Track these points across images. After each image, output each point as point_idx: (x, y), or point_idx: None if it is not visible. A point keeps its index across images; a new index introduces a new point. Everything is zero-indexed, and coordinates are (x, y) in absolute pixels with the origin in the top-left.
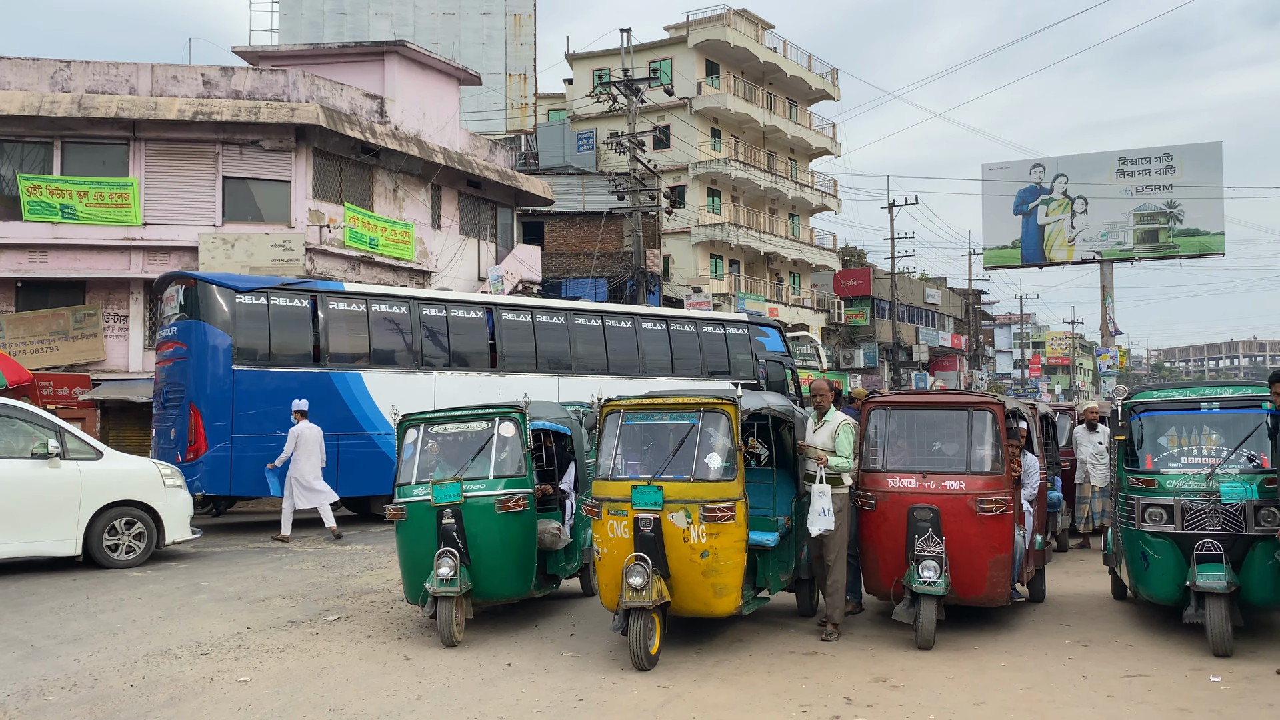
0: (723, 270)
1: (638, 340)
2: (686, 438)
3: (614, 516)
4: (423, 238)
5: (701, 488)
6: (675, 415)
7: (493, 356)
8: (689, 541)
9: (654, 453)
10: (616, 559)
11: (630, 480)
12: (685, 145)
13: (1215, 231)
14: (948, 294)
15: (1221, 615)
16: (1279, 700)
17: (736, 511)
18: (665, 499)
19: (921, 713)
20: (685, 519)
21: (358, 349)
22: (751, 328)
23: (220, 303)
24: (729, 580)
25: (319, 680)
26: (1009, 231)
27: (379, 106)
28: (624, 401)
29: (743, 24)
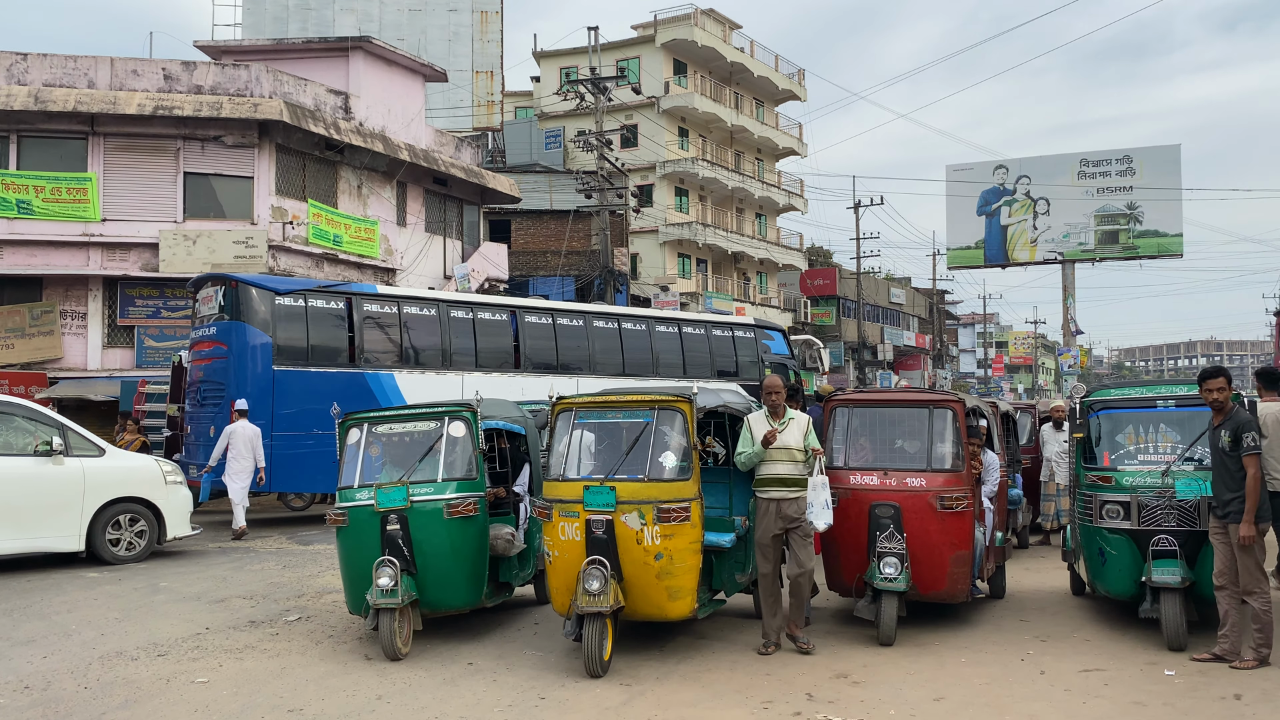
0: (690, 269)
1: (651, 343)
2: (640, 436)
3: (565, 518)
4: (387, 235)
5: (656, 488)
6: (629, 413)
7: (516, 358)
8: (642, 543)
9: (607, 452)
10: (568, 562)
11: (582, 480)
12: (653, 144)
13: (1174, 233)
14: (912, 294)
15: (1176, 610)
16: (1230, 693)
17: (691, 512)
18: (618, 499)
19: (882, 708)
20: (639, 520)
21: (390, 350)
22: (757, 330)
23: (260, 304)
24: (683, 583)
25: (278, 681)
26: (972, 232)
27: (343, 103)
28: (576, 399)
29: (710, 23)
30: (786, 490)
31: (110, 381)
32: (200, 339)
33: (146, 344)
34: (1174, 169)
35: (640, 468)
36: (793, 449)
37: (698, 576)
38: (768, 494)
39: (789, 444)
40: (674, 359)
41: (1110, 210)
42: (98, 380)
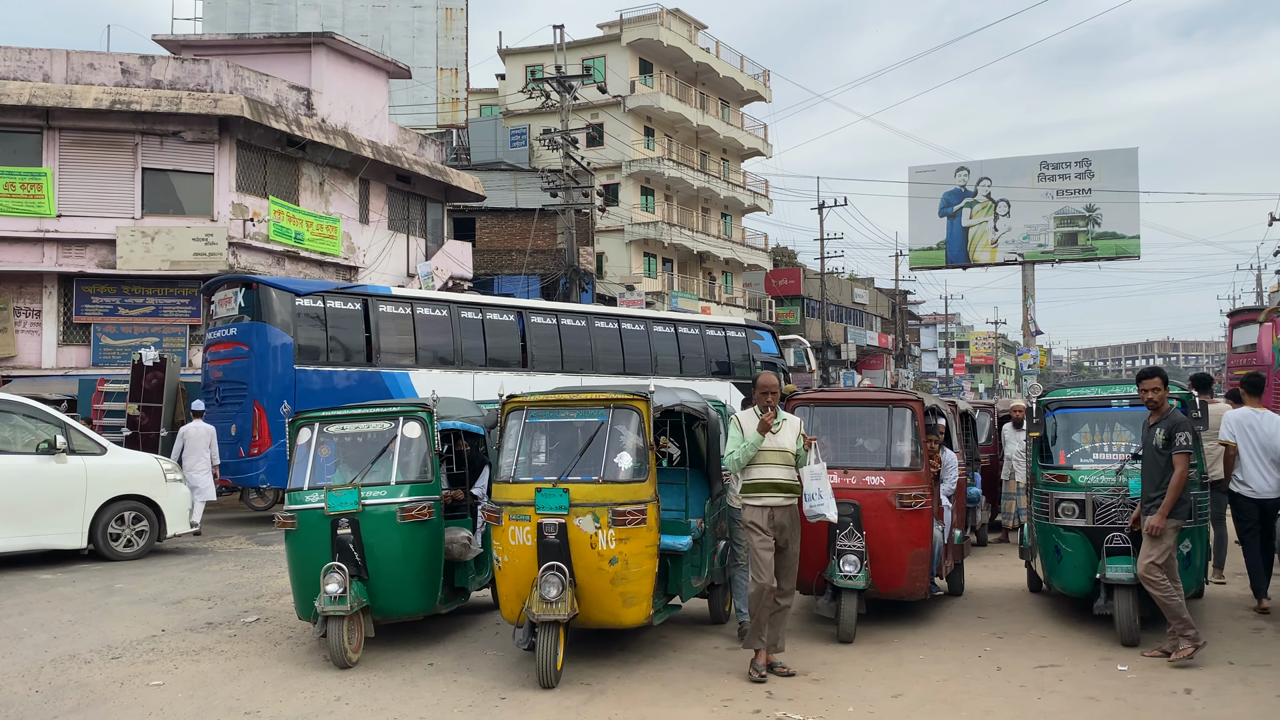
0: (656, 269)
1: (650, 343)
2: (595, 436)
3: (516, 522)
4: (350, 232)
5: (611, 489)
6: (583, 412)
7: (524, 357)
8: (597, 548)
9: (560, 453)
10: (519, 568)
11: (534, 482)
12: (619, 143)
13: (1131, 235)
14: (875, 294)
15: (1129, 606)
16: (1180, 688)
17: (648, 514)
18: (572, 502)
19: (841, 705)
20: (593, 523)
21: (405, 349)
22: (749, 331)
23: (281, 305)
24: (639, 588)
25: (235, 683)
26: (934, 233)
27: (305, 99)
28: (527, 397)
29: (676, 23)
30: (780, 496)
31: (66, 380)
32: (218, 340)
33: (103, 342)
34: (1131, 172)
35: (595, 469)
36: (787, 451)
37: (653, 582)
38: (760, 500)
39: (783, 446)
40: (671, 358)
41: (1069, 212)
42: (53, 379)
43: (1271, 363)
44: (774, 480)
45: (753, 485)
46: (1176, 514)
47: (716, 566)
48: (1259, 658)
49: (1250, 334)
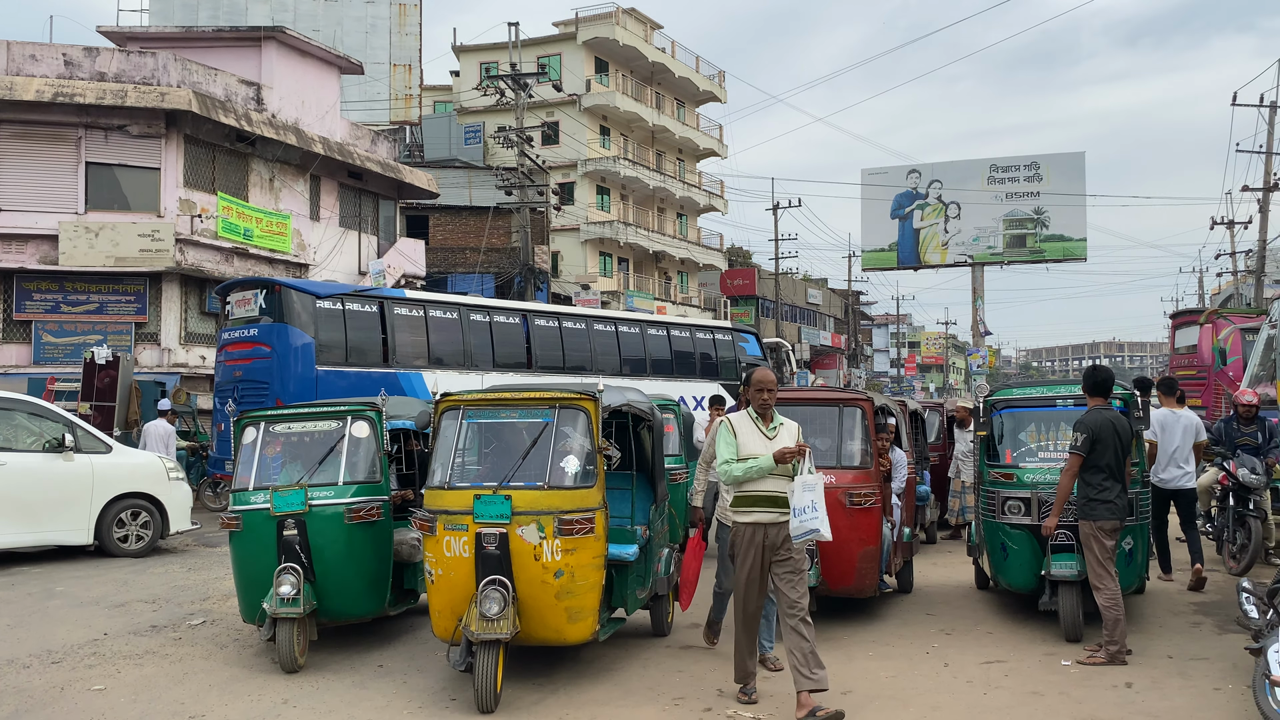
0: (612, 268)
1: (644, 345)
2: (539, 438)
3: (451, 531)
4: (300, 229)
5: (557, 496)
6: (526, 412)
7: (528, 358)
8: (541, 559)
9: (501, 456)
10: (454, 582)
11: (472, 488)
12: (574, 142)
13: (1078, 237)
14: (829, 294)
15: (1073, 602)
16: (1121, 682)
17: (596, 523)
18: (514, 510)
19: (790, 702)
20: (537, 533)
21: (418, 350)
22: (735, 334)
23: (303, 307)
24: (585, 602)
25: (180, 687)
26: (886, 235)
27: (255, 93)
28: (463, 396)
29: (632, 23)
30: (774, 512)
31: (4, 379)
32: (237, 340)
33: (45, 340)
34: (1079, 175)
35: (539, 474)
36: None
37: (600, 595)
38: (750, 516)
39: None
40: (664, 360)
41: (1018, 215)
42: None
43: (1211, 363)
44: (767, 494)
45: (745, 499)
46: (1095, 514)
47: (660, 575)
48: (1197, 651)
49: (1191, 335)
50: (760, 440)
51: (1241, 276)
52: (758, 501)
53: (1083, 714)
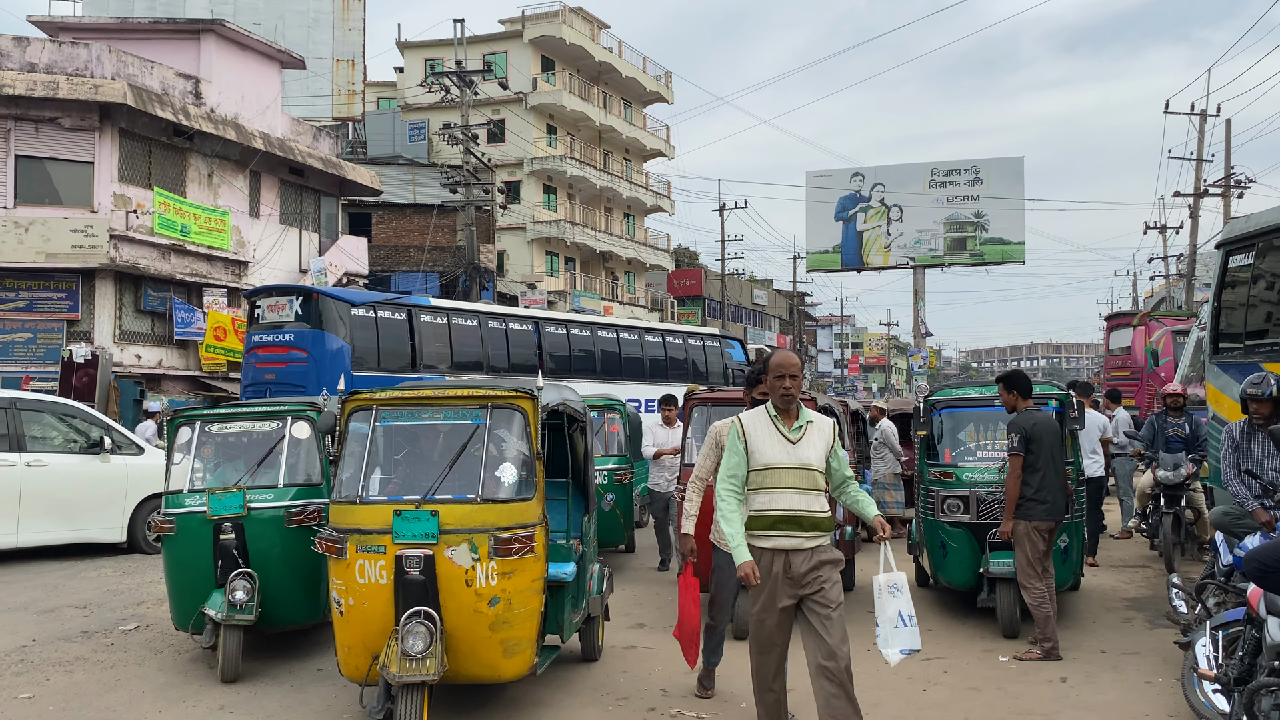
0: (558, 267)
1: (643, 350)
2: (470, 444)
3: (366, 554)
4: (240, 226)
5: (492, 511)
6: (453, 413)
7: (540, 363)
8: (474, 585)
9: (424, 465)
10: (369, 614)
11: (391, 503)
12: (521, 140)
13: (1017, 241)
14: (774, 295)
15: (1010, 599)
16: (1057, 676)
17: (537, 541)
18: (442, 528)
19: (734, 702)
20: (469, 554)
21: (442, 356)
22: (721, 340)
23: (339, 313)
24: (523, 632)
25: (112, 694)
26: (830, 237)
27: (193, 87)
28: (378, 394)
29: (579, 22)
30: (800, 535)
31: None
32: (270, 343)
33: None
34: (1018, 180)
35: (471, 485)
36: (813, 468)
37: (539, 622)
38: (769, 540)
39: (807, 460)
40: (660, 364)
41: (959, 218)
42: None
43: (1144, 364)
44: (790, 513)
45: (760, 519)
46: (1031, 514)
47: (593, 595)
48: (1129, 646)
49: (1125, 337)
50: (781, 446)
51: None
52: (777, 523)
53: (1019, 709)
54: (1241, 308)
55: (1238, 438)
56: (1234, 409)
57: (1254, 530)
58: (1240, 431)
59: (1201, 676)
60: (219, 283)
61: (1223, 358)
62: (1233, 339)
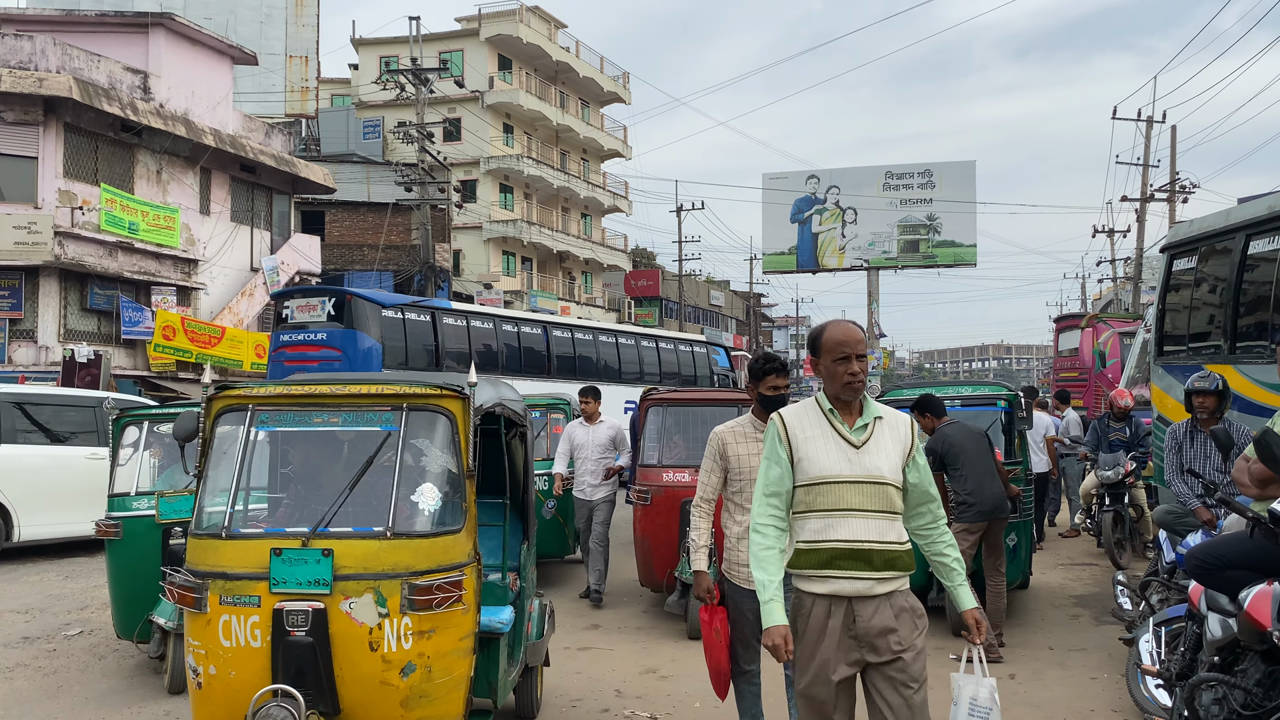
0: (515, 267)
1: (639, 354)
2: (379, 458)
3: (233, 608)
4: (189, 223)
5: (407, 548)
6: (358, 416)
7: (548, 365)
8: (380, 649)
9: (314, 486)
10: (235, 689)
11: (270, 538)
12: (477, 139)
13: (969, 243)
14: (731, 296)
15: None
16: (1005, 674)
17: (466, 587)
18: (337, 572)
19: (688, 701)
20: (375, 608)
21: (461, 356)
22: (709, 346)
23: (370, 315)
24: (447, 708)
25: (53, 701)
26: (786, 238)
27: (142, 82)
28: (254, 390)
29: (536, 21)
30: (868, 576)
31: None
32: (302, 342)
33: None
34: (970, 183)
35: (379, 513)
36: (887, 480)
37: (468, 689)
38: (824, 582)
39: (878, 471)
40: (654, 367)
41: (912, 221)
42: None
43: (1092, 365)
44: (852, 545)
45: (811, 553)
46: (958, 516)
47: (533, 640)
48: (1076, 643)
49: (1073, 339)
50: (839, 451)
51: (1121, 283)
52: (838, 557)
53: None
54: (1185, 310)
55: (1181, 438)
56: (1178, 409)
57: (1196, 528)
58: (1184, 432)
59: (1145, 672)
60: (168, 281)
61: (1167, 359)
62: (1177, 341)
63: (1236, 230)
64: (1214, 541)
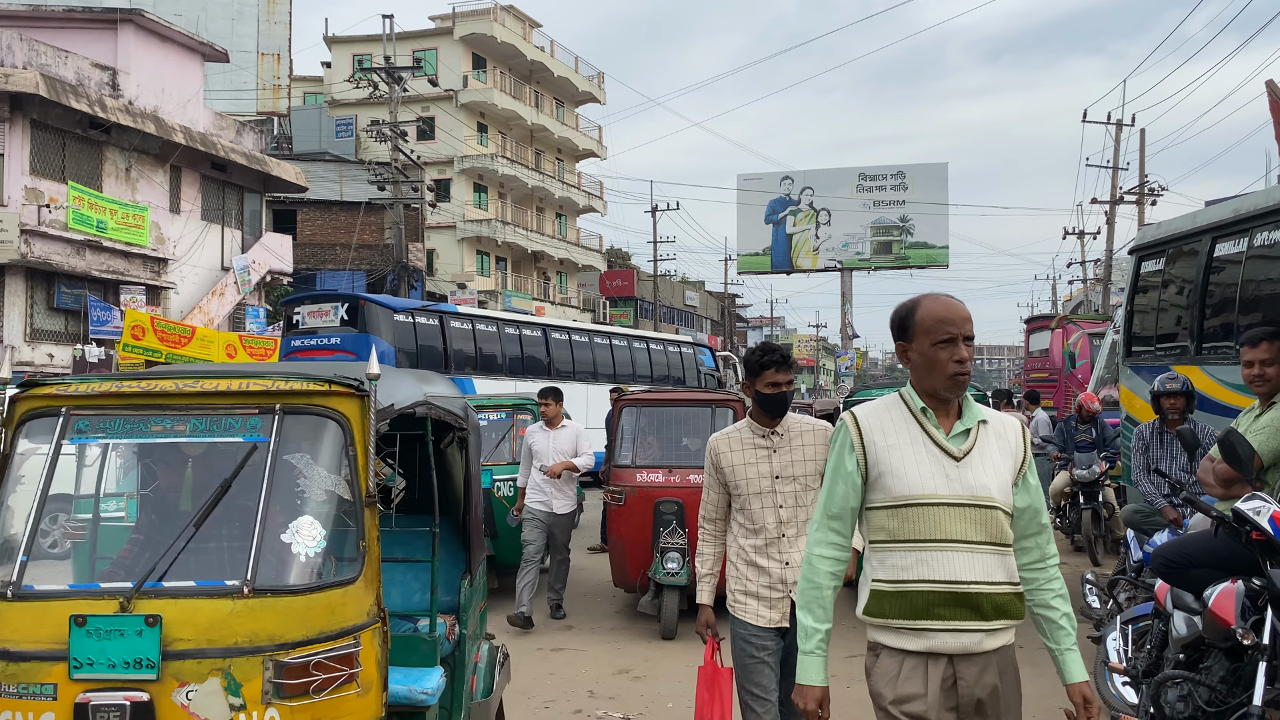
0: (489, 267)
1: (631, 355)
2: (235, 481)
3: (16, 701)
4: (159, 222)
5: (272, 611)
6: (210, 424)
7: (548, 367)
8: None
9: (144, 521)
10: None
11: (73, 598)
12: (451, 138)
13: (941, 245)
14: (706, 297)
15: None
16: None
17: (365, 660)
18: (169, 648)
19: (660, 702)
20: (226, 698)
21: (468, 359)
22: (695, 346)
23: (385, 319)
24: None
25: None
26: (761, 239)
27: (111, 78)
28: (71, 390)
29: (510, 20)
30: (977, 627)
31: None
32: (315, 347)
33: None
34: (942, 185)
35: (233, 562)
36: (995, 503)
37: None
38: (920, 637)
39: (984, 489)
40: (645, 368)
41: (885, 222)
42: None
43: (1062, 366)
44: (960, 586)
45: (900, 595)
46: None
47: (477, 701)
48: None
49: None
50: (934, 463)
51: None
52: (936, 605)
53: None
54: (1153, 312)
55: (1148, 439)
56: (1146, 410)
57: (1163, 527)
58: (1150, 433)
59: (1112, 670)
60: (137, 280)
61: (1135, 360)
62: (1145, 342)
63: (1203, 233)
64: (1179, 540)
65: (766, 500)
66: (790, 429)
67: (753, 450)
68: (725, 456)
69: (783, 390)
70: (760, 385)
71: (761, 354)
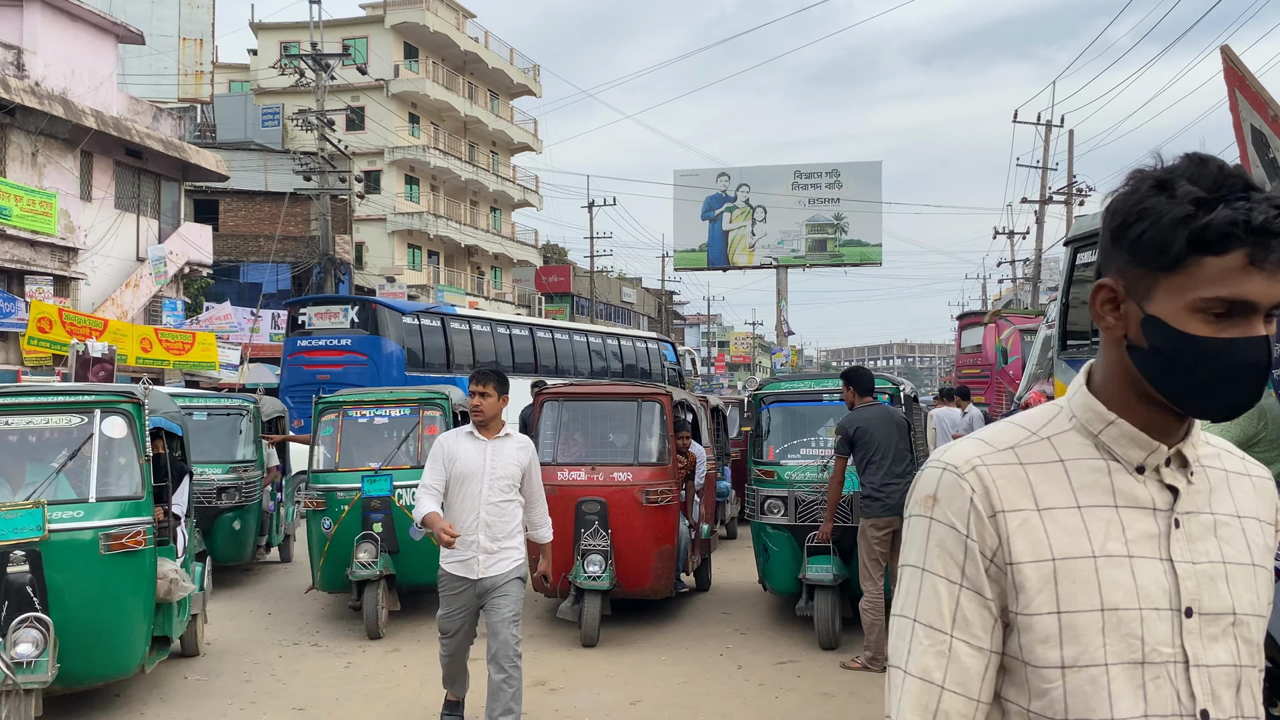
0: (421, 261)
1: (604, 350)
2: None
3: None
4: (69, 209)
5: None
6: None
7: (535, 364)
8: None
9: None
10: None
11: None
12: (381, 129)
13: (875, 243)
14: (643, 293)
15: (828, 608)
16: None
17: None
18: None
19: (577, 716)
20: None
21: (466, 359)
22: (659, 341)
23: (393, 321)
24: None
25: None
26: (697, 236)
27: (16, 58)
28: None
29: (443, 10)
30: None
31: None
32: (323, 348)
33: None
34: (876, 184)
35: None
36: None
37: None
38: None
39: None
40: (617, 363)
41: (820, 220)
42: None
43: (994, 362)
44: None
45: None
46: (866, 512)
47: None
48: None
49: (976, 336)
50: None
51: (1020, 283)
52: None
53: (873, 714)
54: (1088, 304)
55: None
56: None
57: None
58: None
59: None
60: (44, 270)
61: (1070, 354)
62: (1080, 335)
63: None
64: None
65: None
66: None
67: None
68: None
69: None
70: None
71: None
